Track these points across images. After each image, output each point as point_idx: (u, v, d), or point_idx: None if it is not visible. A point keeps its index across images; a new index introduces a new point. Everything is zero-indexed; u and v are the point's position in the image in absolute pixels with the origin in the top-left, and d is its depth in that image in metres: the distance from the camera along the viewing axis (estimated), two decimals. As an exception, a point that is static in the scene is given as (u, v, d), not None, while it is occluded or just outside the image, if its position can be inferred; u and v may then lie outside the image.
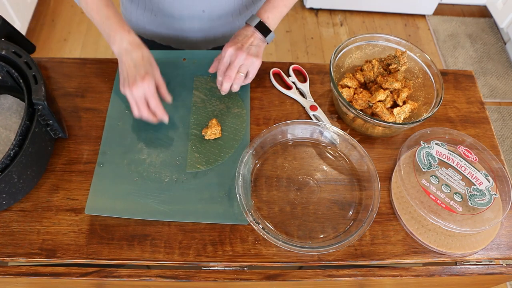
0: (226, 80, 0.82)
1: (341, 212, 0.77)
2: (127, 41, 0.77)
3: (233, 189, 0.77)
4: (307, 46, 2.37)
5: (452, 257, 0.74)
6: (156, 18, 0.99)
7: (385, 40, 0.92)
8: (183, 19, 0.98)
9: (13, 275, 0.70)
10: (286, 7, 0.87)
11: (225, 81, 0.82)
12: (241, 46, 0.81)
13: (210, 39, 1.04)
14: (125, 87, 0.77)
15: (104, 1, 0.80)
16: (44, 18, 2.36)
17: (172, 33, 1.02)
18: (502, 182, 0.79)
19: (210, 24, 1.00)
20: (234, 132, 0.85)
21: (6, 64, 0.74)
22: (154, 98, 0.77)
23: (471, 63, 2.37)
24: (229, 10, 0.99)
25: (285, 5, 0.87)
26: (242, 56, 0.80)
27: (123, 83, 0.78)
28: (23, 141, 0.68)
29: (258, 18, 0.84)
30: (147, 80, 0.76)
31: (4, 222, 0.73)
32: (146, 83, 0.75)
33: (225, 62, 0.82)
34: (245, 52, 0.81)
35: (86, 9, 0.81)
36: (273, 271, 0.72)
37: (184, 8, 0.95)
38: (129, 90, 0.76)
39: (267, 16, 0.85)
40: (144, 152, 0.81)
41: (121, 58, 0.78)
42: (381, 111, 0.84)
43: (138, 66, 0.77)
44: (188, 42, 1.04)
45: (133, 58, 0.77)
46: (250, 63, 0.82)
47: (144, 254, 0.71)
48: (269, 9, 0.86)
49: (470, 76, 1.00)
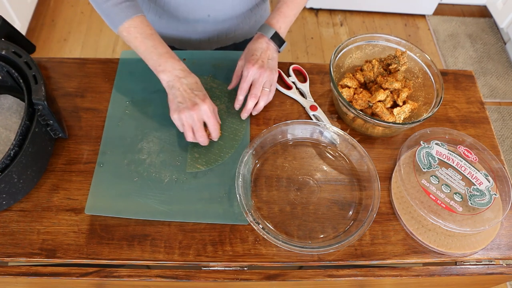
0: (252, 99, 0.83)
1: (341, 212, 0.77)
2: (179, 69, 0.78)
3: (233, 189, 0.77)
4: (307, 46, 2.37)
5: (452, 257, 0.74)
6: (161, 20, 0.99)
7: (385, 40, 0.92)
8: (188, 23, 0.98)
9: (13, 275, 0.70)
10: (295, 16, 0.88)
11: (250, 99, 0.83)
12: (262, 64, 0.82)
13: (213, 40, 1.05)
14: (181, 111, 0.76)
15: (147, 29, 0.79)
16: (44, 18, 2.36)
17: (176, 34, 1.02)
18: (502, 182, 0.79)
19: (214, 27, 1.00)
20: (234, 132, 0.85)
21: (6, 64, 0.74)
22: (213, 119, 0.78)
23: (471, 63, 2.37)
24: (234, 14, 0.99)
25: (295, 14, 0.88)
26: (266, 74, 0.82)
27: (177, 108, 0.77)
28: (23, 141, 0.68)
29: (272, 29, 0.84)
30: (207, 101, 0.77)
31: (4, 222, 0.73)
32: (207, 105, 0.76)
33: (248, 81, 0.82)
34: (267, 69, 0.82)
35: (128, 38, 0.79)
36: (273, 271, 0.72)
37: (189, 12, 0.95)
38: (188, 112, 0.75)
39: (279, 27, 0.85)
40: (144, 152, 0.81)
41: (174, 84, 0.77)
42: (381, 111, 0.84)
43: (195, 89, 0.77)
44: (191, 43, 1.04)
45: (189, 83, 0.78)
46: (272, 78, 0.83)
47: (144, 254, 0.71)
48: (281, 19, 0.86)
49: (470, 76, 1.00)
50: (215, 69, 0.93)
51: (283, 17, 0.86)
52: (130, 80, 0.91)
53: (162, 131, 0.84)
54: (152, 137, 0.83)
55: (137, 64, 0.93)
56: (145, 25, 0.79)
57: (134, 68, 0.92)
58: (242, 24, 1.03)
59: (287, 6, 0.87)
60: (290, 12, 0.86)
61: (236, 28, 1.03)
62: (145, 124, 0.85)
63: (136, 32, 0.78)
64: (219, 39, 1.05)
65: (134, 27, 0.78)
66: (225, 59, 0.94)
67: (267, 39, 0.84)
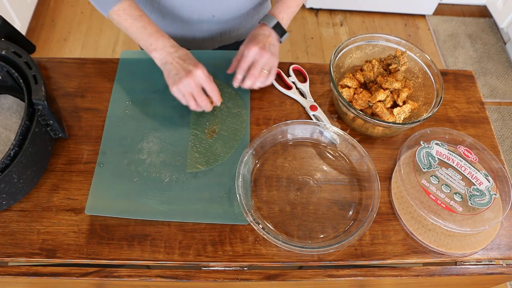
0: (250, 78, 0.83)
1: (341, 212, 0.77)
2: (169, 45, 0.81)
3: (233, 189, 0.77)
4: (307, 46, 2.37)
5: (452, 257, 0.74)
6: (164, 20, 0.99)
7: (385, 40, 0.92)
8: (192, 23, 0.98)
9: (13, 275, 0.70)
10: (298, 7, 0.89)
11: (248, 79, 0.84)
12: (264, 46, 0.82)
13: (217, 39, 1.05)
14: (178, 82, 0.79)
15: (136, 11, 0.81)
16: (44, 18, 2.36)
17: (179, 33, 1.02)
18: (502, 182, 0.79)
19: (218, 26, 1.00)
20: (234, 132, 0.85)
21: (6, 64, 0.74)
22: (209, 82, 0.80)
23: (471, 63, 2.37)
24: (239, 14, 0.99)
25: (298, 5, 0.88)
26: (267, 56, 0.82)
27: (174, 81, 0.79)
28: (23, 141, 0.68)
29: (275, 19, 0.85)
30: (200, 67, 0.79)
31: (4, 222, 0.73)
32: (200, 69, 0.79)
33: (248, 61, 0.83)
34: (268, 51, 0.82)
35: (119, 21, 0.82)
36: (273, 271, 0.72)
37: (193, 13, 0.96)
38: (185, 80, 0.78)
39: (282, 17, 0.86)
40: (144, 152, 0.81)
41: (167, 60, 0.80)
42: (381, 111, 0.84)
43: (187, 60, 0.80)
44: (194, 41, 1.04)
45: (180, 55, 0.80)
46: (272, 62, 0.84)
47: (144, 254, 0.71)
48: (284, 9, 0.87)
49: (470, 76, 1.00)
50: (215, 69, 0.93)
51: (286, 8, 0.87)
52: (130, 80, 0.91)
53: (162, 131, 0.84)
54: (152, 137, 0.83)
55: (137, 64, 0.93)
56: (134, 7, 0.82)
57: (134, 68, 0.92)
58: (246, 23, 1.04)
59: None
60: (293, 3, 0.87)
61: (240, 27, 1.04)
62: (145, 124, 0.85)
63: (126, 15, 0.81)
64: (223, 38, 1.05)
65: (123, 10, 0.81)
66: (225, 59, 0.94)
67: (270, 28, 0.85)
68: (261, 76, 0.84)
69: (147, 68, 0.85)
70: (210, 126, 0.85)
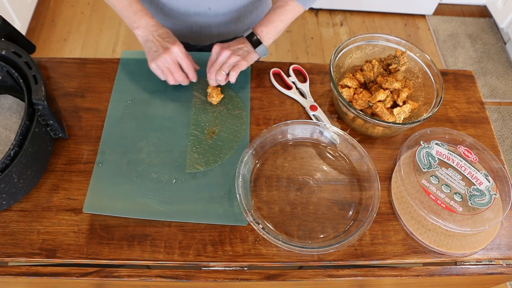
0: (209, 75, 0.87)
1: (341, 212, 0.77)
2: (152, 24, 0.85)
3: (233, 189, 0.77)
4: (307, 46, 2.37)
5: (452, 257, 0.74)
6: (161, 13, 1.00)
7: (385, 40, 0.92)
8: (188, 16, 0.99)
9: (13, 275, 0.70)
10: (282, 22, 0.90)
11: (208, 74, 0.87)
12: (227, 46, 0.86)
13: (214, 34, 1.05)
14: (156, 58, 0.82)
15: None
16: (44, 18, 2.36)
17: (176, 28, 1.02)
18: (502, 182, 0.79)
19: (215, 20, 1.01)
20: (234, 133, 0.85)
21: (6, 64, 0.74)
22: (186, 59, 0.84)
23: (471, 63, 2.37)
24: (235, 8, 1.00)
25: (281, 20, 0.89)
26: (226, 54, 0.85)
27: (152, 57, 0.83)
28: (23, 141, 0.68)
29: (250, 30, 0.88)
30: (178, 44, 0.83)
31: (4, 222, 0.73)
32: (177, 47, 0.83)
33: (211, 59, 0.87)
34: (230, 51, 0.85)
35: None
36: (273, 271, 0.72)
37: (190, 5, 0.96)
38: (162, 57, 0.82)
39: (261, 30, 0.88)
40: (143, 152, 0.81)
41: (148, 38, 0.84)
42: (381, 111, 0.84)
43: (166, 38, 0.84)
44: (192, 34, 1.05)
45: (160, 33, 0.84)
46: (233, 61, 0.85)
47: (144, 254, 0.71)
48: (264, 23, 0.89)
49: (470, 76, 1.00)
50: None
51: (267, 22, 0.89)
52: (130, 80, 0.91)
53: (162, 131, 0.84)
54: (152, 137, 0.83)
55: (137, 64, 0.93)
56: None
57: (134, 68, 0.92)
58: (243, 18, 1.04)
59: (274, 12, 0.90)
60: (276, 17, 0.89)
61: (237, 22, 1.04)
62: (145, 124, 0.85)
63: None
64: (220, 33, 1.06)
65: None
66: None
67: (243, 38, 0.88)
68: (218, 75, 0.86)
69: (147, 68, 0.85)
70: (210, 127, 0.85)
